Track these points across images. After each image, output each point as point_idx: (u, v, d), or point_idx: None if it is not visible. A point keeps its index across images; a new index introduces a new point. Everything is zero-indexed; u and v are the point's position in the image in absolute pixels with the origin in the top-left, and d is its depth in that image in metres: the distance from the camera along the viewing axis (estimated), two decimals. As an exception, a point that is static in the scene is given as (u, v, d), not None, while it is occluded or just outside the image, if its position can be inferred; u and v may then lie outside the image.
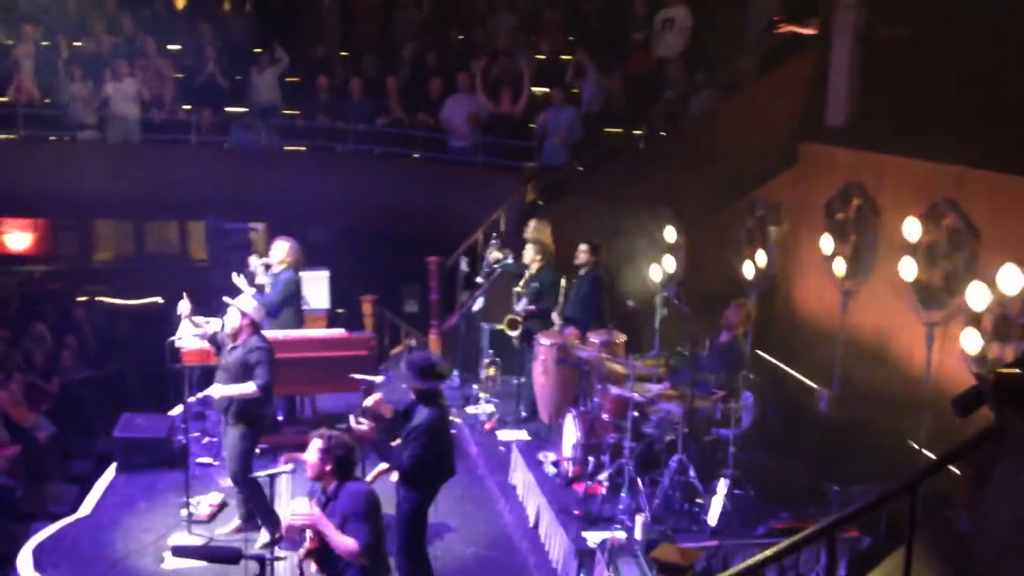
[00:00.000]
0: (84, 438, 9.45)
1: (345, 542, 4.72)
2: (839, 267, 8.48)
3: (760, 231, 9.37)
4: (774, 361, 9.04)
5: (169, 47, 12.68)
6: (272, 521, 6.55)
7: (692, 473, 6.56)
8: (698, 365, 7.13)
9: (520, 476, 7.56)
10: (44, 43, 12.29)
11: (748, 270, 9.39)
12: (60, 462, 8.97)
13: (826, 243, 8.63)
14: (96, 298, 13.35)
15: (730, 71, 10.75)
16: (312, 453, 4.88)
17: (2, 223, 14.12)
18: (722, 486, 6.46)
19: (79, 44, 12.46)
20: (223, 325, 6.61)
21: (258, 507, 6.57)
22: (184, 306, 7.01)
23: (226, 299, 6.92)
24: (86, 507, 7.37)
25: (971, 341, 6.67)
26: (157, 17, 12.91)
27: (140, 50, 12.37)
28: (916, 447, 6.98)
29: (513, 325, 8.63)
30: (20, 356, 10.20)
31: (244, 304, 6.53)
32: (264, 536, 6.55)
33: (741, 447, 6.76)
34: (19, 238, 14.22)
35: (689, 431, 6.66)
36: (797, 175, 9.84)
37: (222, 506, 7.19)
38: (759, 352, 8.80)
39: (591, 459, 7.10)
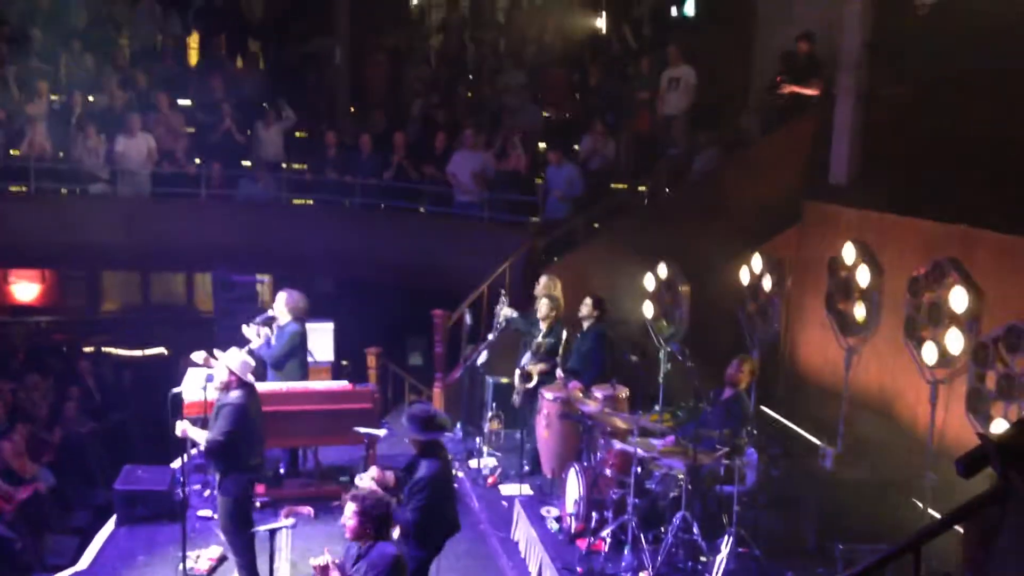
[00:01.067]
0: (85, 489, 9.40)
1: None
2: (842, 324, 8.49)
3: (763, 287, 9.40)
4: (778, 417, 9.00)
5: (181, 102, 12.89)
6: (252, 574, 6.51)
7: (696, 530, 6.49)
8: (702, 421, 7.10)
9: (522, 532, 7.50)
10: (56, 97, 12.50)
11: (752, 326, 9.41)
12: (60, 514, 8.91)
13: (830, 300, 8.65)
14: (101, 349, 13.38)
15: (734, 130, 10.89)
16: (350, 517, 4.88)
17: (10, 274, 14.23)
18: (726, 544, 6.40)
19: (92, 99, 12.68)
20: (214, 378, 6.64)
21: (240, 560, 6.56)
22: (199, 356, 7.12)
23: (216, 352, 6.96)
24: (85, 560, 7.32)
25: (975, 400, 6.65)
26: (170, 73, 13.15)
27: (153, 105, 12.58)
28: (921, 506, 6.91)
29: (527, 378, 8.62)
30: (23, 407, 10.21)
31: (230, 360, 6.54)
32: None
33: (745, 504, 6.70)
34: (27, 289, 14.31)
35: (693, 487, 6.61)
36: (801, 232, 9.91)
37: (221, 560, 7.13)
38: (763, 408, 8.78)
39: (594, 515, 7.03)
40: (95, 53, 13.13)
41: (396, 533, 5.70)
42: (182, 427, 6.53)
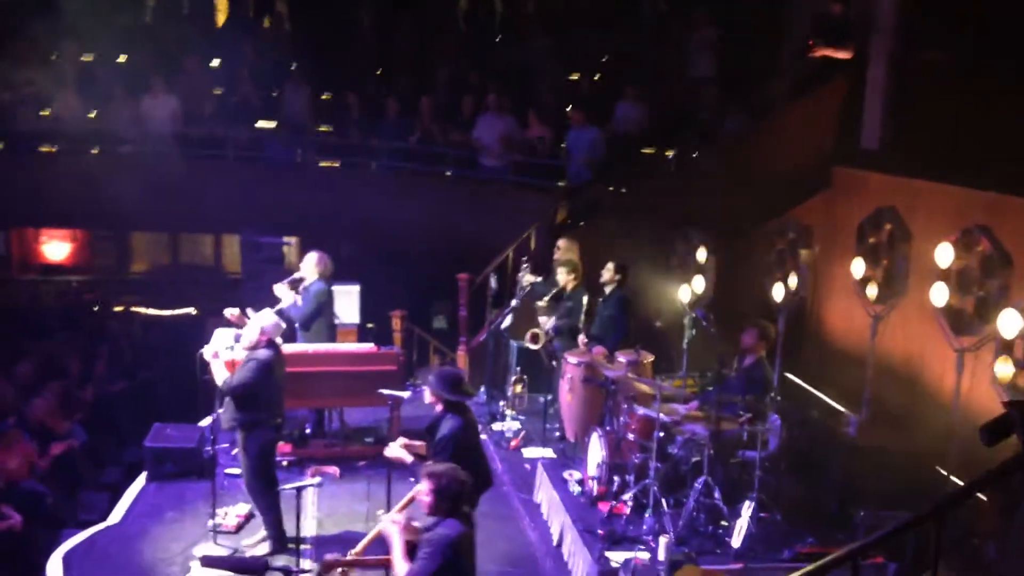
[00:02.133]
0: (115, 447, 9.56)
1: (399, 564, 4.75)
2: (870, 291, 8.41)
3: (792, 253, 9.33)
4: (803, 384, 8.97)
5: (210, 64, 12.90)
6: (277, 535, 6.65)
7: (717, 495, 6.52)
8: (725, 387, 7.10)
9: (545, 494, 7.56)
10: (86, 58, 12.54)
11: (778, 292, 9.35)
12: (91, 470, 9.07)
13: (857, 267, 8.57)
14: (131, 309, 13.56)
15: (764, 94, 10.74)
16: (425, 494, 4.80)
17: (41, 234, 14.42)
18: (747, 509, 6.42)
19: (121, 60, 12.72)
20: (242, 337, 6.72)
21: (266, 518, 6.69)
22: (231, 311, 7.35)
23: (249, 311, 7.05)
24: (116, 515, 7.46)
25: (1002, 368, 6.59)
26: (198, 34, 13.14)
27: (180, 66, 12.61)
28: (945, 474, 6.89)
29: (535, 339, 8.66)
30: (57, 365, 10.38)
31: (263, 319, 6.63)
32: (262, 542, 6.70)
33: (767, 470, 6.71)
34: (58, 249, 14.50)
35: (715, 453, 6.64)
36: (830, 198, 9.80)
37: (249, 517, 7.24)
38: (788, 375, 8.75)
39: (616, 479, 7.08)
40: (122, 14, 13.16)
41: None
42: (212, 351, 6.62)
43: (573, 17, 13.57)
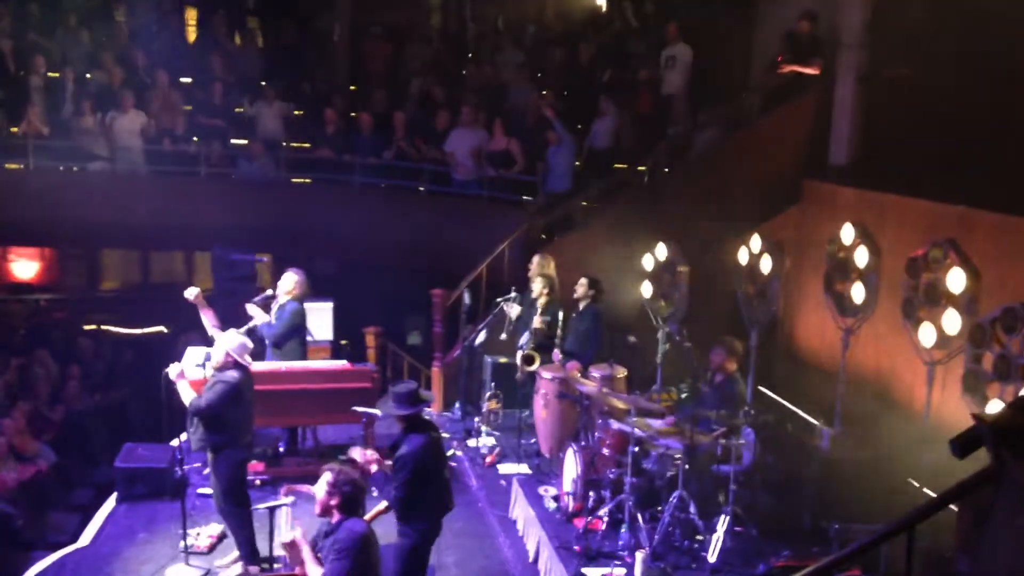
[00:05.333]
0: (86, 467, 9.44)
1: (312, 569, 4.79)
2: (840, 305, 8.49)
3: (763, 267, 9.40)
4: (776, 397, 9.03)
5: (181, 80, 12.84)
6: (250, 554, 6.59)
7: (692, 510, 6.53)
8: (699, 401, 7.13)
9: (520, 510, 7.54)
10: (53, 75, 12.44)
11: (750, 306, 9.41)
12: (61, 491, 8.95)
13: (828, 281, 8.65)
14: (102, 327, 13.40)
15: (734, 109, 10.85)
16: (321, 487, 4.92)
17: (10, 252, 14.23)
18: (722, 523, 6.44)
19: (90, 76, 12.62)
20: (210, 357, 6.66)
21: (238, 536, 6.64)
22: (191, 291, 7.28)
23: (213, 332, 6.99)
24: (86, 537, 7.34)
25: (970, 381, 6.67)
26: (168, 50, 13.08)
27: (151, 83, 12.53)
28: (917, 486, 6.95)
29: (530, 360, 8.65)
30: (24, 384, 10.24)
31: (228, 342, 6.57)
32: (235, 562, 6.66)
33: (742, 484, 6.74)
34: (27, 267, 14.33)
35: (690, 467, 6.65)
36: (800, 212, 9.90)
37: (221, 537, 7.17)
38: (761, 388, 8.80)
39: (591, 494, 7.08)
40: (92, 29, 13.08)
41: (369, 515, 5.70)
42: (177, 372, 6.55)
43: (543, 33, 13.67)
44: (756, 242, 9.51)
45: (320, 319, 10.09)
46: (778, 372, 9.46)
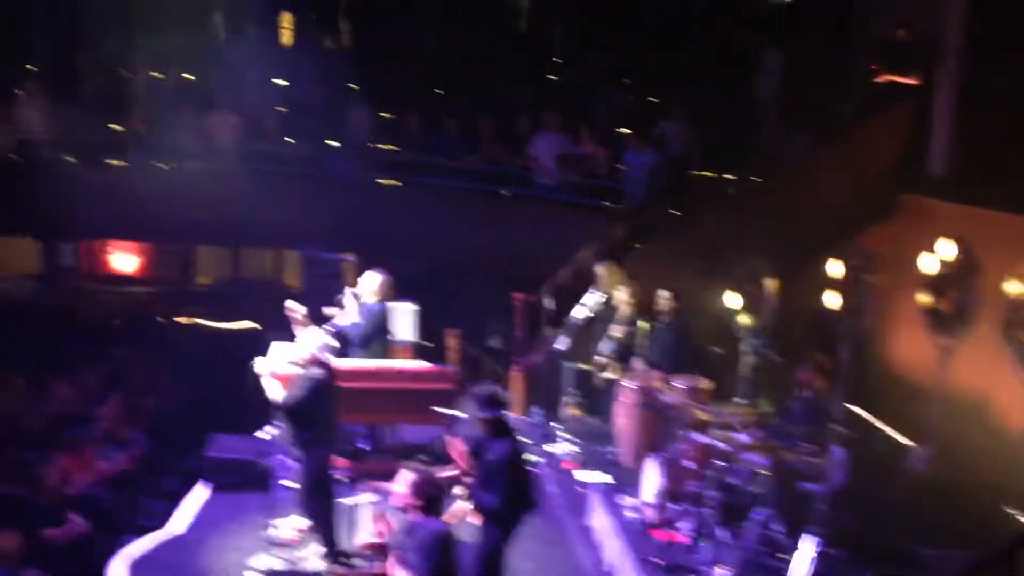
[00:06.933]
0: (176, 455, 9.73)
1: (394, 571, 4.85)
2: (936, 323, 8.23)
3: (855, 282, 9.15)
4: (865, 416, 8.77)
5: (274, 81, 13.15)
6: (331, 549, 6.68)
7: (777, 528, 6.40)
8: (786, 417, 6.98)
9: (599, 519, 7.50)
10: (156, 75, 12.88)
11: (840, 322, 9.17)
12: (152, 478, 9.25)
13: (924, 298, 8.39)
14: (194, 321, 13.82)
15: (827, 118, 10.62)
16: (401, 485, 4.98)
17: (110, 245, 14.79)
18: (808, 543, 6.29)
19: (189, 77, 13.03)
20: (298, 355, 6.80)
21: (321, 531, 6.74)
22: (293, 305, 7.46)
23: (298, 330, 7.11)
24: (175, 523, 7.59)
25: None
26: (263, 52, 13.42)
27: (246, 84, 12.88)
28: (1011, 512, 6.68)
29: (604, 368, 8.62)
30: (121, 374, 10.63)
31: (311, 341, 6.70)
32: (317, 555, 6.75)
33: (830, 504, 6.56)
34: (125, 260, 14.87)
35: (776, 484, 6.52)
36: (896, 226, 9.62)
37: (304, 530, 7.28)
38: (850, 406, 8.56)
39: (672, 506, 7.00)
40: (192, 31, 13.51)
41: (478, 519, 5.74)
42: (262, 368, 6.68)
43: (633, 38, 13.58)
44: (848, 255, 9.26)
45: (403, 320, 10.20)
46: (868, 390, 9.15)
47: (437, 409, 7.34)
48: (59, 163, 12.13)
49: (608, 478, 8.20)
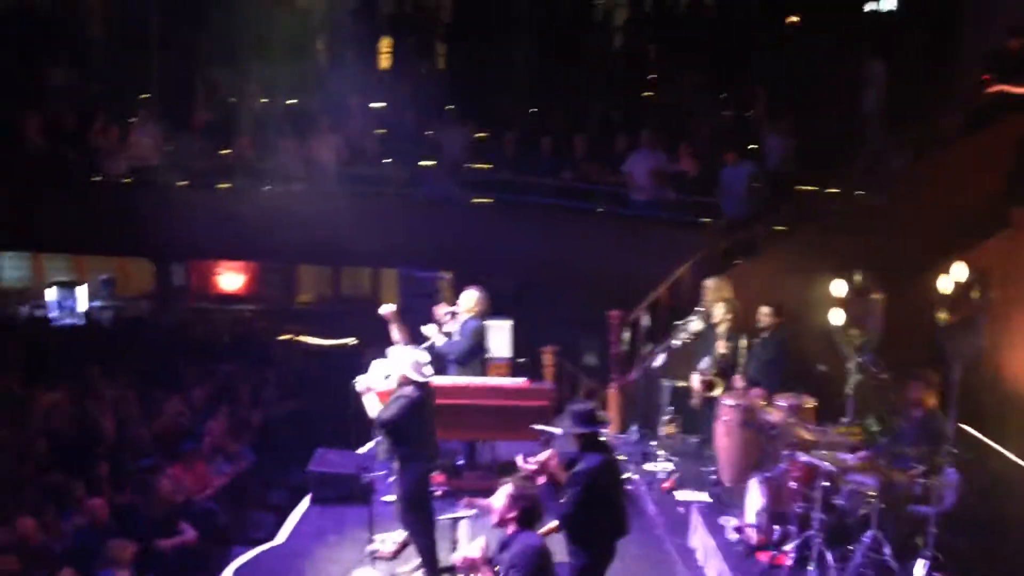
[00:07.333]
0: (281, 469, 10.00)
1: None
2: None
3: (967, 297, 8.81)
4: (980, 436, 8.41)
5: (372, 104, 13.49)
6: (430, 562, 6.74)
7: (887, 551, 6.18)
8: (896, 437, 6.75)
9: (700, 540, 7.38)
10: (262, 101, 13.37)
11: (952, 338, 8.83)
12: (259, 490, 9.52)
13: (1041, 314, 8.02)
14: (295, 337, 14.23)
15: (935, 130, 10.28)
16: (500, 498, 5.00)
17: (218, 266, 15.40)
18: (920, 568, 6.06)
19: (291, 102, 13.48)
20: (390, 374, 6.90)
21: (419, 545, 6.81)
22: (387, 308, 7.59)
23: (393, 348, 7.20)
24: (282, 535, 7.79)
25: None
26: (362, 76, 13.78)
27: (346, 108, 13.23)
28: None
29: (711, 387, 8.50)
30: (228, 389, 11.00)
31: (402, 361, 6.76)
32: (417, 570, 6.85)
33: (943, 527, 6.31)
34: (232, 280, 15.46)
35: (885, 506, 6.31)
36: (1010, 240, 9.22)
37: (404, 545, 7.40)
38: (963, 426, 8.22)
39: (776, 528, 6.84)
40: (295, 58, 13.99)
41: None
42: (365, 386, 6.81)
43: (729, 52, 13.43)
44: (960, 270, 8.93)
45: (499, 337, 10.28)
46: (983, 409, 8.79)
47: (535, 426, 7.35)
48: (172, 187, 12.68)
49: (708, 498, 8.07)
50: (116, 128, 12.51)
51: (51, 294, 15.52)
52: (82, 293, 15.61)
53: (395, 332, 7.51)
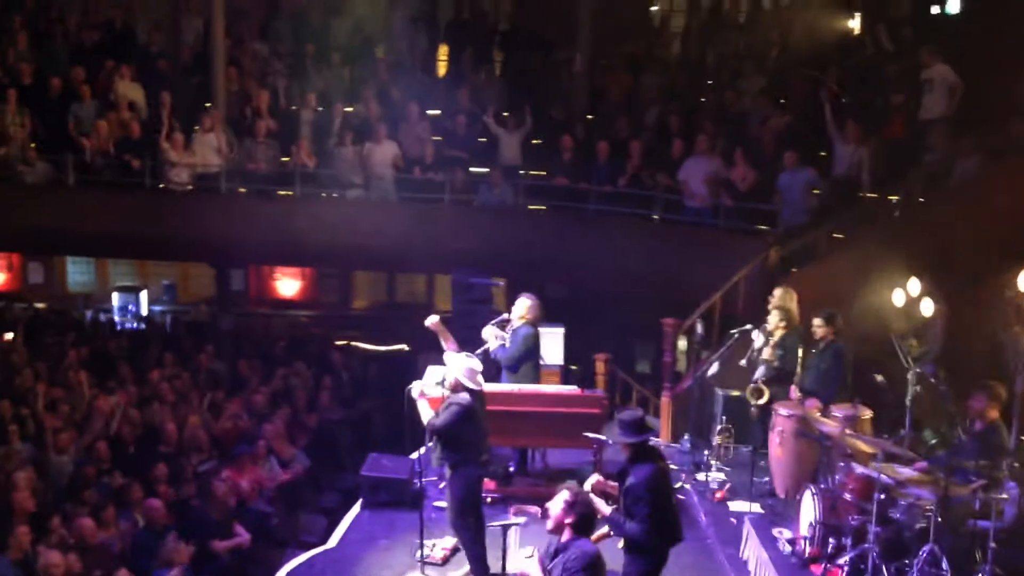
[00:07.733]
0: (334, 473, 10.11)
1: None
2: None
3: (1030, 307, 8.54)
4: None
5: (429, 112, 13.60)
6: (481, 568, 6.75)
7: (945, 566, 6.01)
8: (956, 449, 6.57)
9: (752, 551, 7.27)
10: (320, 109, 13.58)
11: (1016, 349, 8.56)
12: (312, 494, 9.64)
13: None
14: (351, 342, 14.40)
15: (1001, 136, 9.99)
16: (557, 504, 4.99)
17: (276, 271, 15.67)
18: (979, 584, 5.89)
19: (350, 109, 13.66)
20: (444, 379, 6.93)
21: (470, 551, 6.81)
22: (432, 320, 7.56)
23: (447, 356, 7.22)
24: (333, 539, 7.86)
25: None
26: (420, 84, 13.91)
27: (403, 115, 13.37)
28: None
29: (758, 394, 8.39)
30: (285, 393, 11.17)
31: (455, 368, 6.78)
32: (464, 574, 6.83)
33: (1003, 542, 6.12)
34: (289, 285, 15.72)
35: (943, 520, 6.14)
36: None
37: (455, 551, 7.42)
38: (1026, 440, 7.97)
39: (831, 540, 6.71)
40: (353, 66, 14.19)
41: (620, 544, 5.69)
42: (419, 391, 6.85)
43: (789, 57, 13.25)
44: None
45: (551, 344, 10.26)
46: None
47: (587, 435, 7.32)
48: (234, 194, 12.94)
49: (761, 509, 7.94)
50: (181, 136, 12.81)
51: (115, 298, 15.98)
52: (144, 298, 16.04)
53: (444, 342, 7.53)
